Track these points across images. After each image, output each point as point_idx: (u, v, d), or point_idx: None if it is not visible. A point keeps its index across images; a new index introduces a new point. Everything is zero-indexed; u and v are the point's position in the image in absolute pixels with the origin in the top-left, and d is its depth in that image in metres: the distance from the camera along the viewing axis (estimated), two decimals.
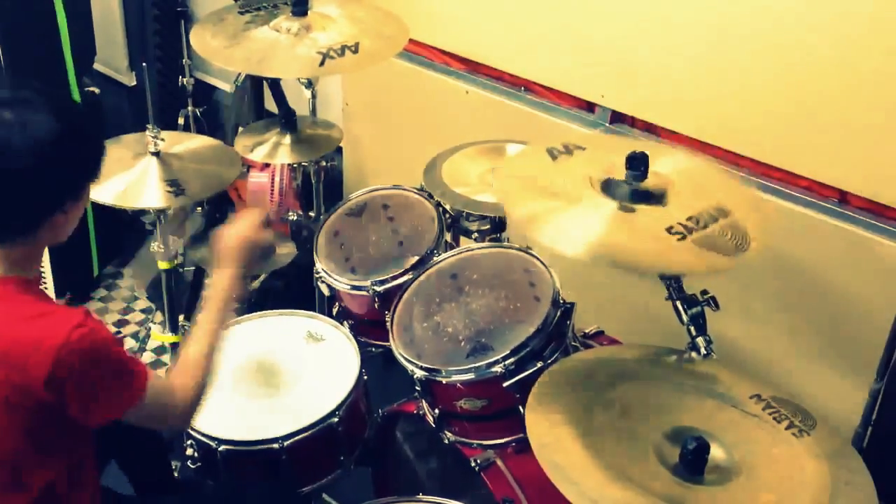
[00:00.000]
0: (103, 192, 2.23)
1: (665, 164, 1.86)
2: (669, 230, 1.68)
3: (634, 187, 1.76)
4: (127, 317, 3.43)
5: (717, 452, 1.55)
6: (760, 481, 1.52)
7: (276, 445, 1.98)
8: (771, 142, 2.28)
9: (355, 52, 2.33)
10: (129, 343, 3.30)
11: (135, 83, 4.13)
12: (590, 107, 2.68)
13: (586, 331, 2.25)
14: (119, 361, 1.58)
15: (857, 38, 2.09)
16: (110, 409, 1.59)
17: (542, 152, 1.93)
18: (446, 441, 2.03)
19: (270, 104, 3.30)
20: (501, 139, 2.52)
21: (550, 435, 1.56)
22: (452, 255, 2.17)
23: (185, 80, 3.77)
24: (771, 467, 1.54)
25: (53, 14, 3.14)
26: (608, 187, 1.79)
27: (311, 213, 2.75)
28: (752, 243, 1.70)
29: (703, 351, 1.77)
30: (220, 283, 1.83)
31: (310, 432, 2.00)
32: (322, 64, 2.28)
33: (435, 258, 2.19)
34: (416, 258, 2.23)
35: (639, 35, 2.48)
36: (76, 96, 3.30)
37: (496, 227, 2.31)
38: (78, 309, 1.57)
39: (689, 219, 1.72)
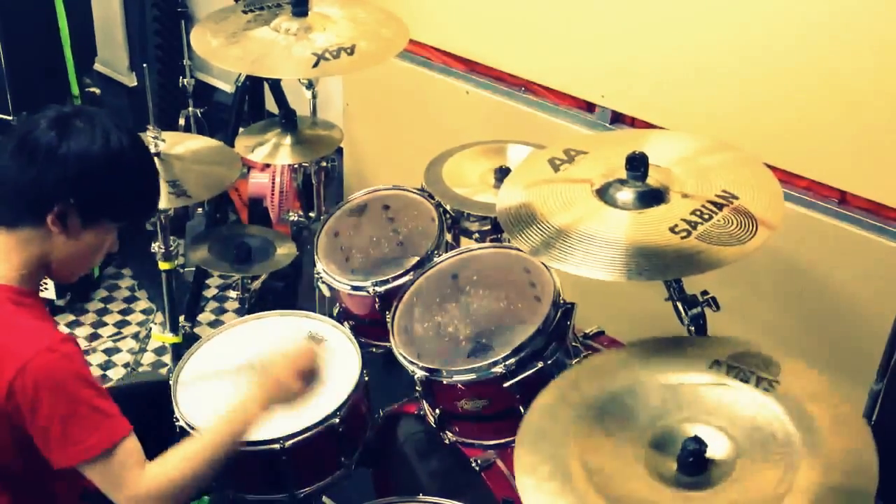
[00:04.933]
0: None
1: (665, 152, 1.85)
2: (673, 230, 1.68)
3: (637, 190, 1.75)
4: (127, 317, 3.43)
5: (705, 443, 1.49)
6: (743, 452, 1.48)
7: (276, 446, 1.97)
8: (771, 142, 2.28)
9: (351, 53, 2.33)
10: (129, 343, 3.30)
11: (135, 84, 4.13)
12: (590, 107, 2.68)
13: (587, 331, 2.25)
14: (85, 401, 1.53)
15: (857, 38, 2.09)
16: (66, 453, 1.53)
17: (543, 163, 1.92)
18: (447, 441, 2.03)
19: (271, 104, 3.31)
20: (502, 139, 2.52)
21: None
22: (453, 256, 2.17)
23: (185, 80, 3.77)
24: (752, 435, 1.50)
25: (54, 14, 3.15)
26: (612, 195, 1.77)
27: (312, 214, 2.75)
28: (759, 227, 1.68)
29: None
30: (247, 401, 1.71)
31: (311, 433, 2.00)
32: (316, 65, 2.29)
33: (435, 258, 2.19)
34: (417, 259, 2.23)
35: (639, 35, 2.48)
36: (77, 97, 3.31)
37: (497, 227, 2.31)
38: (58, 332, 1.57)
39: (693, 212, 1.71)
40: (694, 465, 1.47)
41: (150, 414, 2.01)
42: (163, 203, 2.29)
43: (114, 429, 1.56)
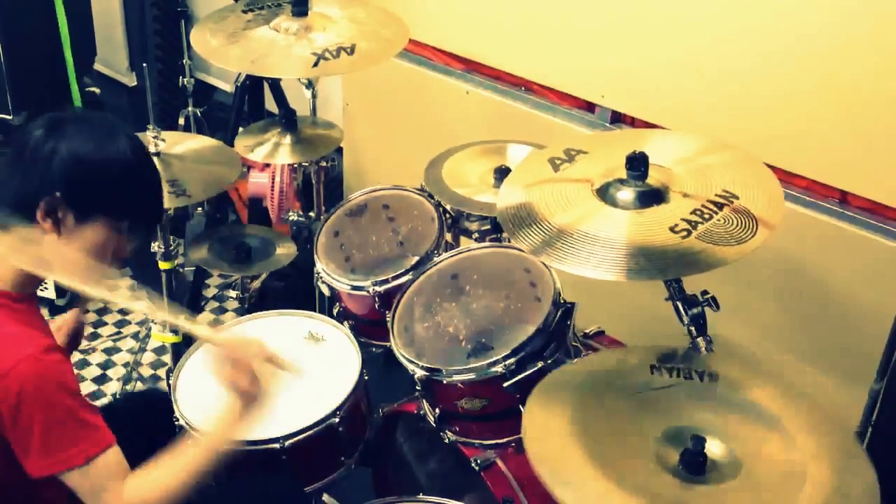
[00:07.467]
0: None
1: (665, 152, 1.85)
2: (673, 229, 1.68)
3: (637, 189, 1.75)
4: (127, 317, 3.43)
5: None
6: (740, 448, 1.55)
7: (276, 445, 1.97)
8: (771, 142, 2.28)
9: (351, 53, 2.33)
10: (129, 343, 3.30)
11: (135, 83, 4.14)
12: (590, 107, 2.68)
13: (587, 331, 2.25)
14: (68, 411, 1.51)
15: (857, 39, 2.09)
16: (45, 461, 1.52)
17: (543, 162, 1.92)
18: (447, 441, 2.03)
19: (271, 104, 3.31)
20: (502, 139, 2.52)
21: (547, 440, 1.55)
22: (453, 256, 2.17)
23: (185, 80, 3.77)
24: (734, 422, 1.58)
25: (54, 14, 3.15)
26: (612, 195, 1.77)
27: (312, 214, 2.75)
28: (759, 227, 1.68)
29: (703, 352, 1.76)
30: (220, 420, 1.67)
31: (310, 432, 2.00)
32: (316, 65, 2.29)
33: (435, 258, 2.19)
34: (417, 258, 2.23)
35: (639, 35, 2.48)
36: (76, 96, 3.31)
37: (497, 227, 2.31)
38: (45, 341, 1.55)
39: (694, 212, 1.71)
40: (701, 464, 1.50)
41: (149, 425, 2.01)
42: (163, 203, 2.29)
43: (96, 439, 1.54)
